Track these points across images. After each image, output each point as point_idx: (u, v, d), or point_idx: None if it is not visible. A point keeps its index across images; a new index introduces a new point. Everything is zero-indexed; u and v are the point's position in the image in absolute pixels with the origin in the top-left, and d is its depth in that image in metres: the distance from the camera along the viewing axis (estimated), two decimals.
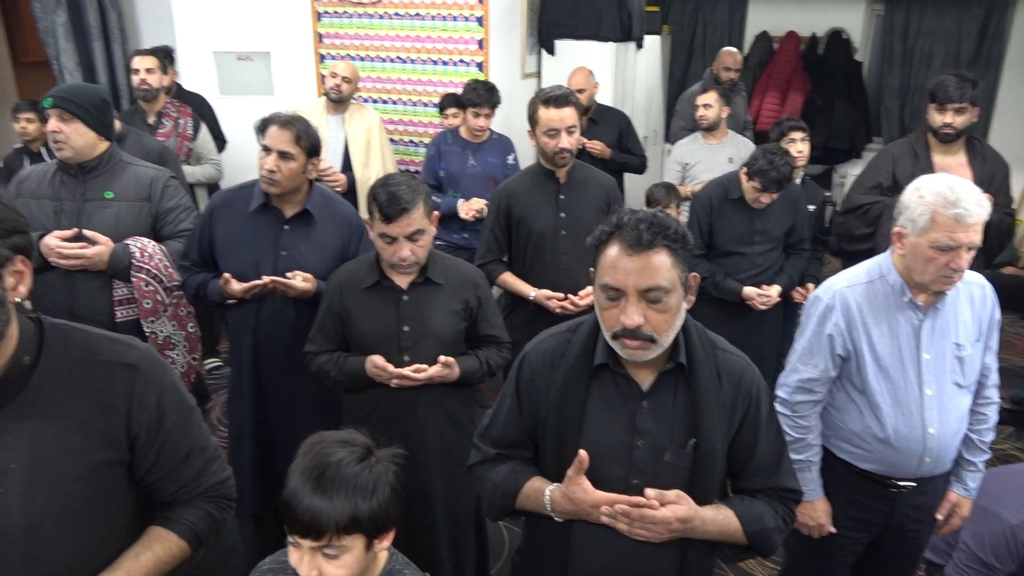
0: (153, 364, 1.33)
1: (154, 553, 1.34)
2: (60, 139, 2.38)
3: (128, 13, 5.33)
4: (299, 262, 2.37)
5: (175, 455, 1.35)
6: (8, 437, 1.19)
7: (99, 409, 1.26)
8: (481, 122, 3.83)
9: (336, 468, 1.22)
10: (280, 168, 2.29)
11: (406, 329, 2.14)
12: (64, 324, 1.30)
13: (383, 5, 4.77)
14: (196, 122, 4.07)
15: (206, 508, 1.42)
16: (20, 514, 1.19)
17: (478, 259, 2.88)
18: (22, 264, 1.19)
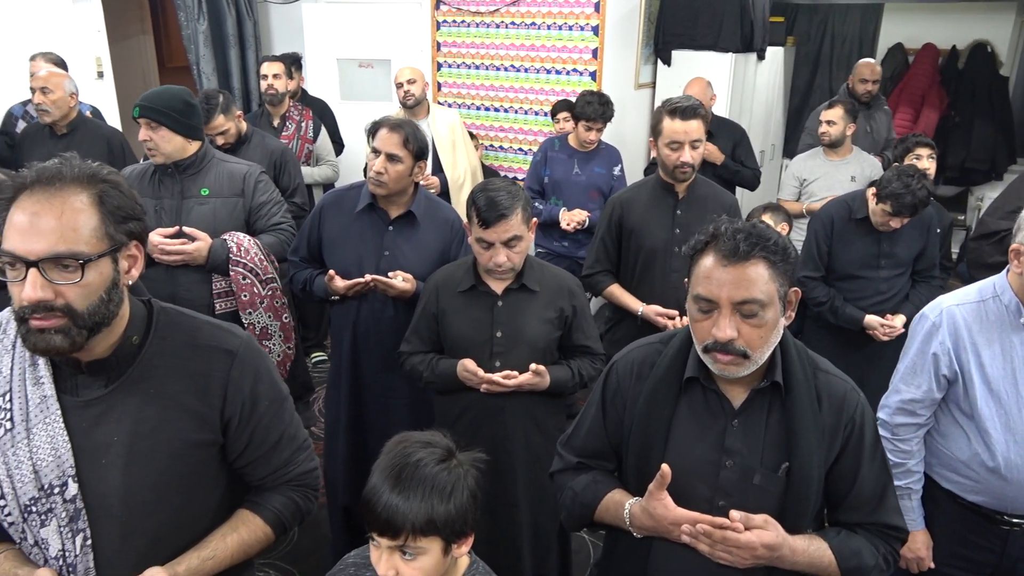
0: (250, 351, 1.37)
1: (239, 536, 1.38)
2: (151, 146, 2.49)
3: (263, 22, 5.65)
4: (401, 262, 2.42)
5: (266, 441, 1.39)
6: (114, 412, 1.26)
7: (197, 391, 1.31)
8: (593, 136, 3.80)
9: (415, 468, 1.22)
10: (388, 170, 2.35)
11: (499, 335, 2.14)
12: (171, 308, 1.37)
13: (500, 15, 4.84)
14: (317, 125, 4.25)
15: (292, 496, 1.45)
16: (119, 485, 1.25)
17: (586, 269, 2.83)
18: (136, 249, 1.26)
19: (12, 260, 1.14)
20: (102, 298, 1.19)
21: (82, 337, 1.17)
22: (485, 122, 5.13)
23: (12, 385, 1.25)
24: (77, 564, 1.25)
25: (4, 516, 1.26)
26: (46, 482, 1.23)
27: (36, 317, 1.14)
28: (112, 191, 1.20)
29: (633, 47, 4.93)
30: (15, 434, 1.23)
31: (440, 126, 4.25)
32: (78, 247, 1.15)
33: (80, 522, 1.24)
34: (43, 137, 3.62)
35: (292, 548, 3.05)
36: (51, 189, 1.15)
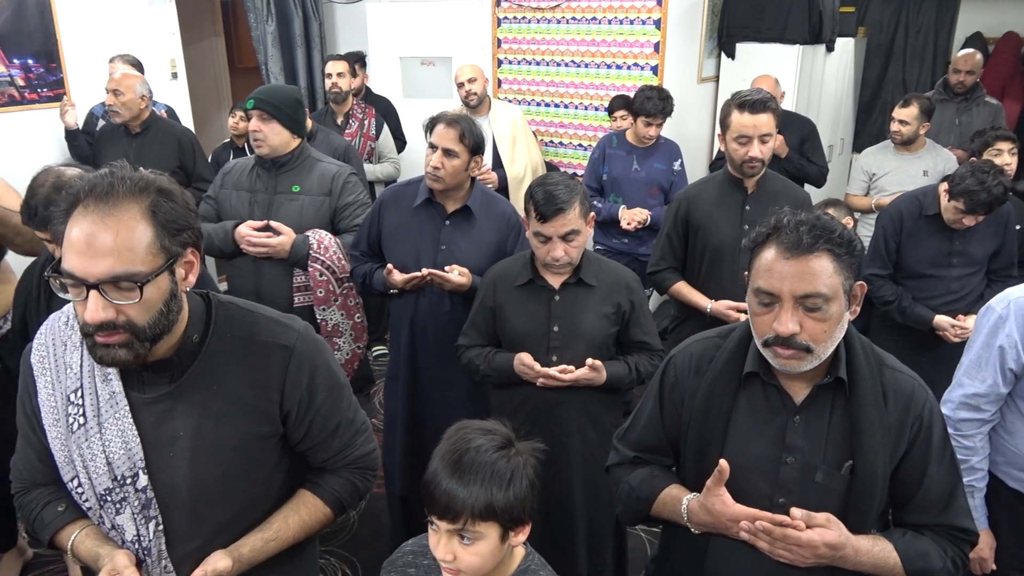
0: (307, 344, 1.38)
1: (300, 516, 1.42)
2: (259, 137, 2.61)
3: (328, 22, 5.77)
4: (457, 257, 2.44)
5: (324, 428, 1.42)
6: (179, 408, 1.29)
7: (256, 386, 1.33)
8: (652, 131, 3.75)
9: (474, 454, 1.24)
10: (444, 165, 2.37)
11: (555, 329, 2.14)
12: (229, 302, 1.39)
13: (561, 10, 4.82)
14: (379, 123, 4.32)
15: (350, 478, 1.49)
16: (186, 476, 1.30)
17: (651, 266, 2.80)
18: (192, 255, 1.25)
19: (73, 280, 1.14)
20: (161, 311, 1.19)
21: (145, 349, 1.20)
22: (545, 118, 5.12)
23: (83, 381, 1.30)
24: (151, 547, 1.31)
25: (83, 503, 1.33)
26: (118, 473, 1.28)
27: (100, 335, 1.16)
28: (164, 202, 1.18)
29: (696, 40, 4.85)
30: (88, 428, 1.28)
31: (501, 122, 4.27)
32: (135, 267, 1.14)
33: (152, 510, 1.29)
34: (118, 136, 3.78)
35: (351, 537, 3.11)
36: (105, 206, 1.13)
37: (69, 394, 1.30)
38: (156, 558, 1.32)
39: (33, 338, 2.06)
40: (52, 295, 2.06)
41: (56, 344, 1.33)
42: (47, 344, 1.34)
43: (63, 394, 1.31)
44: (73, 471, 1.31)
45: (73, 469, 1.31)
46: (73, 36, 4.38)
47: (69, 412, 1.30)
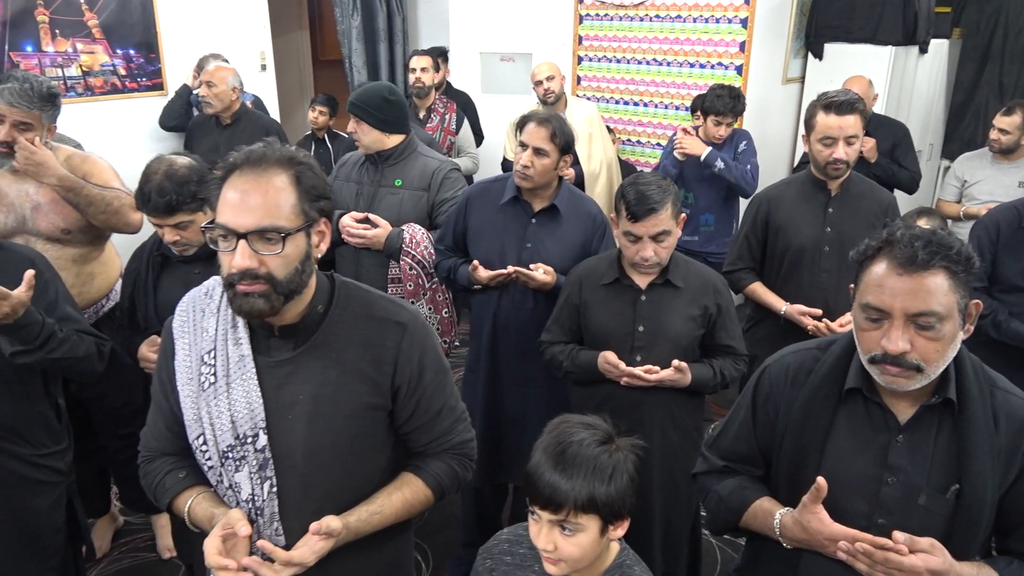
0: (419, 325, 1.46)
1: (403, 495, 1.47)
2: (356, 137, 2.73)
3: (411, 17, 5.85)
4: (542, 255, 2.45)
5: (429, 409, 1.47)
6: (300, 373, 1.37)
7: (372, 358, 1.40)
8: (722, 131, 3.69)
9: (577, 448, 1.27)
10: (534, 164, 2.39)
11: (640, 329, 2.14)
12: (350, 282, 1.48)
13: (645, 7, 4.78)
14: (460, 118, 4.37)
15: (450, 463, 1.52)
16: (302, 440, 1.37)
17: (727, 265, 2.78)
18: (324, 226, 1.36)
19: (225, 232, 1.27)
20: (297, 268, 1.30)
21: (279, 302, 1.29)
22: (623, 116, 5.09)
23: (216, 344, 1.39)
24: (264, 507, 1.38)
25: (205, 460, 1.40)
26: (241, 432, 1.36)
27: (243, 283, 1.26)
28: (307, 172, 1.31)
29: (783, 40, 4.74)
30: (217, 387, 1.37)
31: (577, 119, 4.26)
32: (280, 222, 1.26)
33: (268, 470, 1.36)
34: (210, 127, 3.93)
35: (423, 524, 3.17)
36: (257, 170, 1.27)
37: (203, 355, 1.40)
38: (268, 519, 1.38)
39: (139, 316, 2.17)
40: (160, 275, 2.16)
41: (195, 311, 1.44)
42: (188, 311, 1.45)
43: (198, 355, 1.41)
44: (200, 428, 1.39)
45: (200, 426, 1.39)
46: (171, 28, 4.57)
47: (202, 372, 1.39)
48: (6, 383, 1.90)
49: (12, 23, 3.95)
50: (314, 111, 4.73)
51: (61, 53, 4.17)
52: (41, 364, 1.88)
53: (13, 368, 1.88)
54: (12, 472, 1.96)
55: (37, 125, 2.39)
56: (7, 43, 3.96)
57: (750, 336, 2.68)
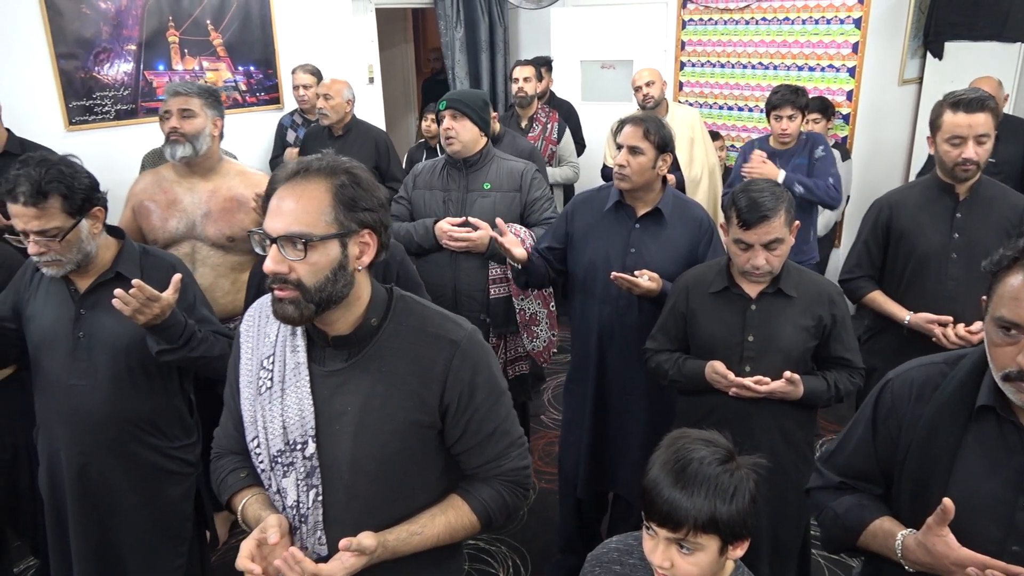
0: (474, 344, 1.42)
1: (447, 518, 1.43)
2: (452, 135, 2.76)
3: (512, 27, 5.93)
4: (647, 260, 2.42)
5: (480, 431, 1.43)
6: (350, 384, 1.37)
7: (421, 374, 1.38)
8: (784, 125, 3.55)
9: (698, 465, 1.23)
10: (630, 163, 2.37)
11: (750, 339, 2.09)
12: (409, 296, 1.46)
13: (751, 11, 4.68)
14: (562, 127, 4.39)
15: (501, 491, 1.48)
16: (348, 450, 1.36)
17: (844, 273, 2.67)
18: (368, 237, 1.34)
19: (263, 237, 1.30)
20: (328, 277, 1.29)
21: (310, 310, 1.29)
22: (727, 121, 4.99)
23: (276, 349, 1.42)
24: (308, 515, 1.39)
25: (258, 463, 1.43)
26: (291, 438, 1.38)
27: (276, 287, 1.29)
28: (349, 183, 1.30)
29: (899, 40, 4.53)
30: (272, 392, 1.40)
31: (679, 124, 4.21)
32: (307, 229, 1.27)
33: (314, 479, 1.38)
34: (323, 138, 4.10)
35: (522, 528, 3.20)
36: (299, 179, 1.30)
37: (263, 359, 1.43)
38: (312, 527, 1.40)
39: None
40: None
41: (261, 316, 1.48)
42: (254, 316, 1.49)
43: (258, 359, 1.44)
44: (255, 431, 1.42)
45: (255, 429, 1.42)
46: (287, 45, 4.80)
47: (260, 376, 1.42)
48: (148, 379, 2.05)
49: (147, 44, 4.26)
50: (427, 120, 4.86)
51: (189, 71, 4.46)
52: (181, 362, 2.01)
53: (155, 365, 2.03)
54: (149, 462, 2.10)
55: (200, 114, 2.58)
56: (142, 63, 4.27)
57: (868, 348, 2.57)
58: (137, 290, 1.79)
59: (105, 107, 4.13)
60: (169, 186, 2.69)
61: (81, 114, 4.11)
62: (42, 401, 2.08)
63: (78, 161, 1.95)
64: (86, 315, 2.00)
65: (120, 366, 2.01)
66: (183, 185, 2.68)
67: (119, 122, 4.25)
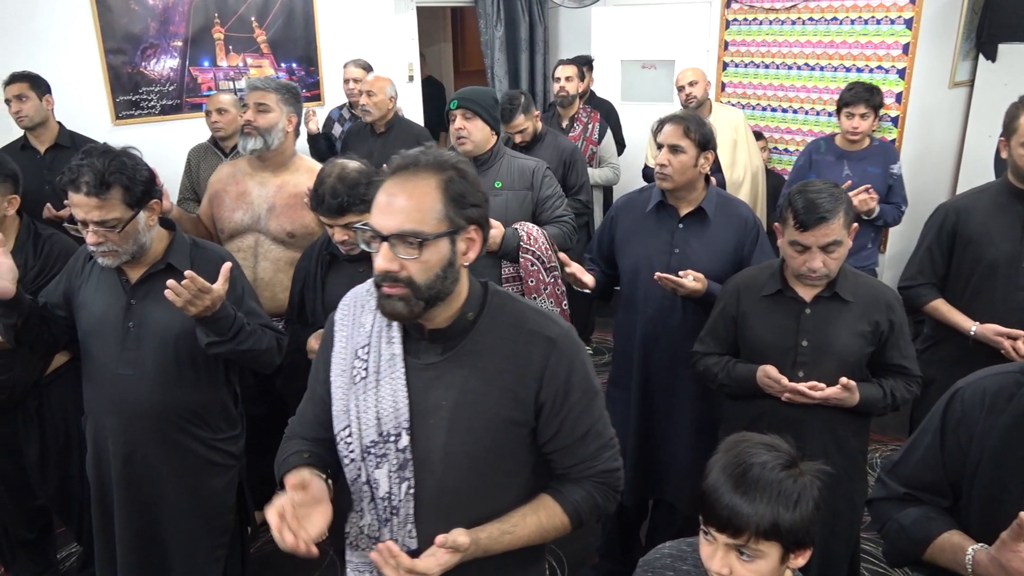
0: (570, 342, 1.40)
1: (539, 518, 1.41)
2: (463, 135, 2.74)
3: (552, 26, 5.91)
4: (691, 260, 2.38)
5: (574, 431, 1.40)
6: (445, 378, 1.36)
7: (517, 371, 1.36)
8: (855, 123, 3.44)
9: (760, 470, 1.19)
10: (671, 161, 2.33)
11: (804, 344, 2.04)
12: (503, 291, 1.45)
13: (797, 10, 4.60)
14: (603, 128, 4.35)
15: (592, 492, 1.45)
16: (441, 445, 1.35)
17: (905, 280, 2.59)
18: (475, 233, 1.34)
19: (372, 234, 1.28)
20: (438, 274, 1.28)
21: (419, 307, 1.28)
22: (771, 123, 4.91)
23: (371, 340, 1.41)
24: (400, 508, 1.38)
25: (348, 452, 1.41)
26: (385, 429, 1.37)
27: (385, 285, 1.27)
28: (457, 179, 1.29)
29: (951, 41, 4.42)
30: (367, 383, 1.39)
31: (722, 125, 4.14)
32: (420, 227, 1.25)
33: (407, 471, 1.37)
34: (365, 135, 4.10)
35: None
36: (407, 173, 1.28)
37: (358, 349, 1.41)
38: (403, 520, 1.38)
39: (308, 311, 2.28)
40: (328, 273, 2.28)
41: (356, 306, 1.47)
42: (350, 305, 1.48)
43: (352, 349, 1.43)
44: (347, 420, 1.40)
45: (347, 418, 1.41)
46: (329, 42, 4.83)
47: (355, 365, 1.41)
48: (195, 370, 2.06)
49: (193, 40, 4.31)
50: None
51: (233, 67, 4.50)
52: (229, 355, 2.01)
53: (203, 357, 2.04)
54: (194, 453, 2.11)
55: (275, 109, 2.62)
56: (188, 59, 4.32)
57: (926, 357, 2.49)
58: (189, 281, 1.79)
59: (151, 102, 4.19)
60: (242, 178, 2.72)
61: (127, 108, 4.17)
62: (90, 389, 2.10)
63: (138, 154, 1.96)
64: (136, 305, 2.01)
65: (168, 357, 2.02)
66: (255, 178, 2.71)
67: (164, 117, 4.31)
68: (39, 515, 2.82)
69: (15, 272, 1.93)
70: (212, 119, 3.68)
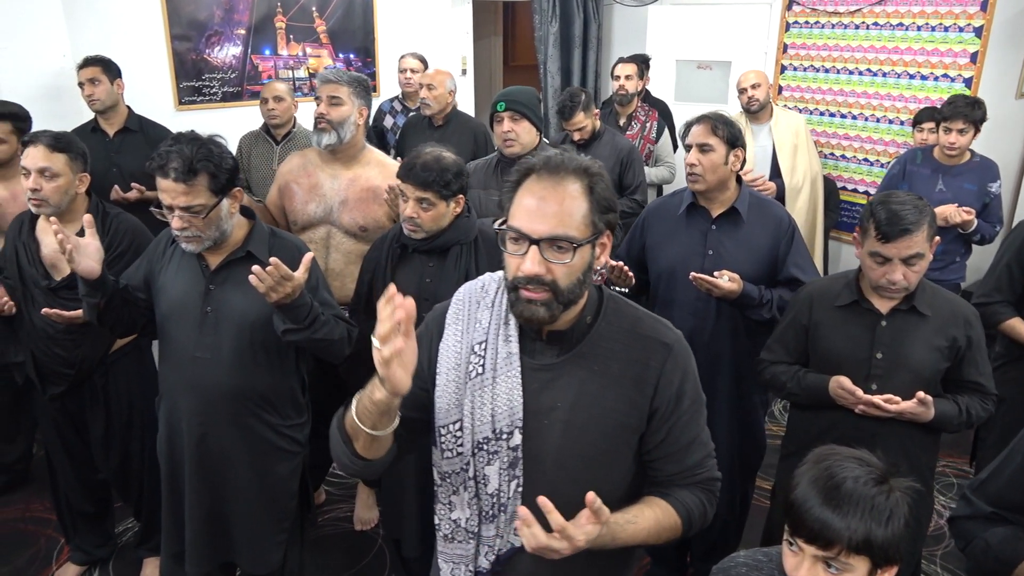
0: (683, 348, 1.40)
1: (655, 512, 1.38)
2: (511, 137, 2.74)
3: (606, 24, 5.87)
4: (726, 261, 2.36)
5: (681, 439, 1.40)
6: (561, 380, 1.36)
7: (634, 377, 1.36)
8: (953, 139, 3.35)
9: (853, 484, 1.19)
10: (701, 161, 2.32)
11: (879, 356, 2.01)
12: (618, 295, 1.45)
13: (862, 15, 4.52)
14: (660, 127, 4.32)
15: (700, 496, 1.44)
16: (554, 446, 1.35)
17: (980, 297, 2.55)
18: (607, 238, 1.34)
19: (517, 236, 1.28)
20: (579, 279, 1.29)
21: (559, 311, 1.29)
22: (828, 128, 4.84)
23: (488, 337, 1.41)
24: (507, 504, 1.39)
25: (456, 446, 1.41)
26: (498, 427, 1.37)
27: (528, 288, 1.27)
28: (600, 183, 1.30)
29: (1020, 51, 4.31)
30: (483, 379, 1.39)
31: (783, 129, 4.10)
32: (571, 231, 1.26)
33: (517, 469, 1.37)
34: (422, 128, 4.12)
35: None
36: (555, 177, 1.28)
37: (474, 345, 1.41)
38: (509, 517, 1.39)
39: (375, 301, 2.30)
40: (398, 264, 2.29)
41: (471, 302, 1.46)
42: (464, 301, 1.47)
43: (468, 344, 1.42)
44: (459, 414, 1.40)
45: (459, 412, 1.40)
46: (386, 34, 4.86)
47: (471, 361, 1.40)
48: (268, 356, 2.09)
49: (255, 29, 4.36)
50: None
51: (293, 56, 4.55)
52: (303, 342, 2.04)
53: (276, 344, 2.07)
54: (263, 438, 2.15)
55: (347, 102, 2.65)
56: (250, 47, 4.38)
57: (999, 376, 2.43)
58: (273, 268, 1.82)
59: (213, 88, 4.25)
60: (313, 170, 2.75)
61: (190, 94, 4.24)
62: (167, 371, 2.14)
63: (224, 142, 2.00)
64: (215, 290, 2.04)
65: (243, 342, 2.05)
66: (326, 171, 2.74)
67: (225, 104, 4.37)
68: (99, 489, 2.90)
69: (101, 253, 1.98)
70: (268, 107, 3.72)
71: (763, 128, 4.12)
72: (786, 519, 1.24)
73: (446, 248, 2.24)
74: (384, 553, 3.04)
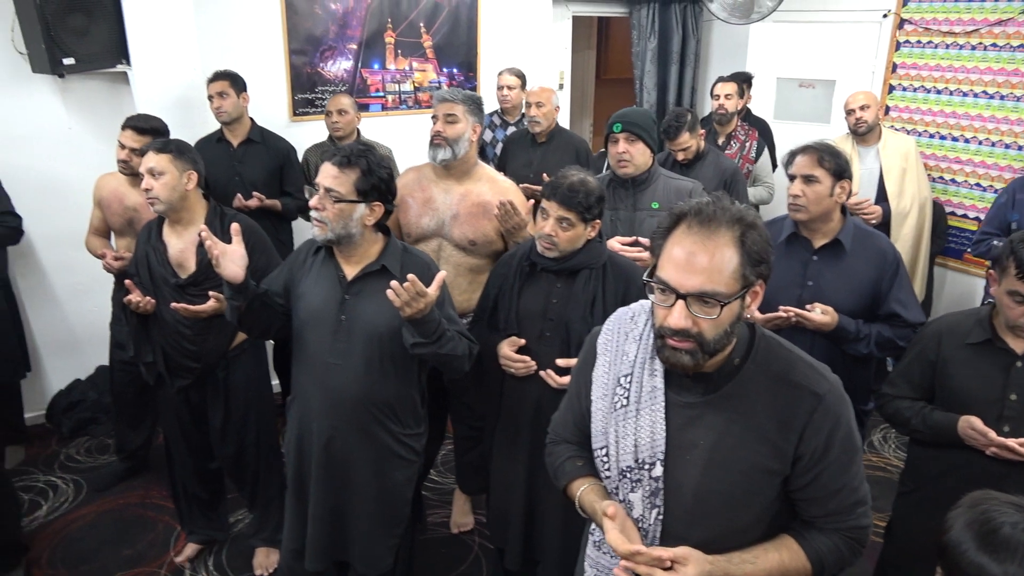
0: (837, 397, 1.38)
1: (780, 555, 1.40)
2: (626, 158, 2.77)
3: (705, 40, 5.83)
4: (825, 293, 2.32)
5: (828, 486, 1.39)
6: (705, 419, 1.38)
7: (779, 423, 1.36)
8: None
9: (1010, 531, 1.18)
10: (805, 192, 2.30)
11: (1012, 398, 1.96)
12: (772, 337, 1.44)
13: (979, 35, 4.37)
14: (760, 146, 4.28)
15: (838, 543, 1.43)
16: (694, 482, 1.38)
17: None
18: (760, 287, 1.33)
19: (664, 288, 1.29)
20: (726, 331, 1.30)
21: (704, 360, 1.31)
22: (936, 151, 4.69)
23: (634, 370, 1.45)
24: (649, 531, 1.43)
25: (604, 471, 1.48)
26: (641, 457, 1.41)
27: (673, 339, 1.30)
28: (753, 235, 1.28)
29: None
30: (628, 411, 1.43)
31: (892, 152, 4.01)
32: (720, 287, 1.26)
33: (658, 499, 1.41)
34: (525, 144, 4.20)
35: None
36: (707, 229, 1.27)
37: (620, 377, 1.46)
38: (649, 542, 1.42)
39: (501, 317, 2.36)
40: (525, 283, 2.34)
41: (619, 333, 1.51)
42: (613, 331, 1.52)
43: (614, 376, 1.47)
44: (604, 442, 1.47)
45: (605, 440, 1.47)
46: (488, 49, 4.96)
47: (616, 392, 1.46)
48: (395, 367, 2.18)
49: (366, 43, 4.52)
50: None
51: (400, 71, 4.70)
52: (429, 356, 2.12)
53: (403, 355, 2.16)
54: (383, 445, 2.24)
55: (462, 120, 2.74)
56: (360, 61, 4.54)
57: None
58: (410, 284, 1.91)
59: (324, 101, 4.42)
60: (427, 184, 2.85)
61: (303, 106, 4.42)
62: (301, 374, 2.26)
63: (393, 167, 2.14)
64: (350, 300, 2.15)
65: (373, 351, 2.15)
66: (439, 185, 2.83)
67: None
68: (213, 479, 3.09)
69: (246, 259, 2.11)
70: (332, 119, 3.89)
71: (870, 150, 4.04)
72: (939, 562, 1.24)
73: (576, 271, 2.26)
74: (480, 562, 3.10)
